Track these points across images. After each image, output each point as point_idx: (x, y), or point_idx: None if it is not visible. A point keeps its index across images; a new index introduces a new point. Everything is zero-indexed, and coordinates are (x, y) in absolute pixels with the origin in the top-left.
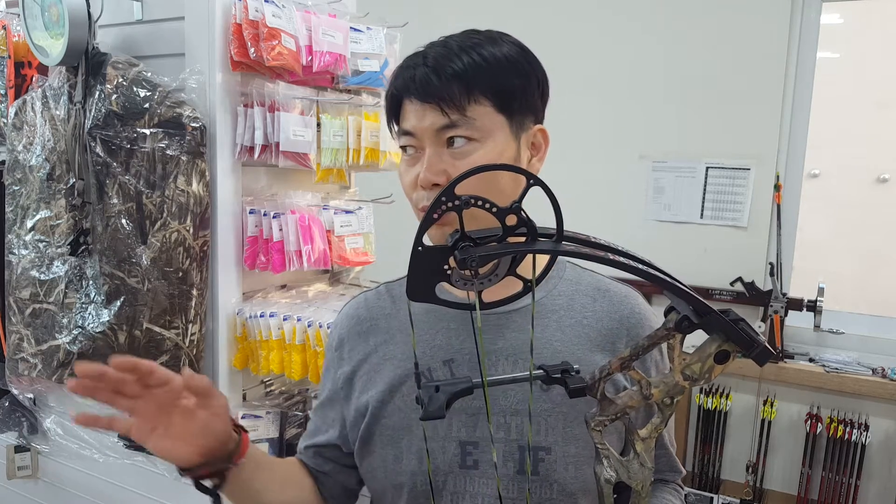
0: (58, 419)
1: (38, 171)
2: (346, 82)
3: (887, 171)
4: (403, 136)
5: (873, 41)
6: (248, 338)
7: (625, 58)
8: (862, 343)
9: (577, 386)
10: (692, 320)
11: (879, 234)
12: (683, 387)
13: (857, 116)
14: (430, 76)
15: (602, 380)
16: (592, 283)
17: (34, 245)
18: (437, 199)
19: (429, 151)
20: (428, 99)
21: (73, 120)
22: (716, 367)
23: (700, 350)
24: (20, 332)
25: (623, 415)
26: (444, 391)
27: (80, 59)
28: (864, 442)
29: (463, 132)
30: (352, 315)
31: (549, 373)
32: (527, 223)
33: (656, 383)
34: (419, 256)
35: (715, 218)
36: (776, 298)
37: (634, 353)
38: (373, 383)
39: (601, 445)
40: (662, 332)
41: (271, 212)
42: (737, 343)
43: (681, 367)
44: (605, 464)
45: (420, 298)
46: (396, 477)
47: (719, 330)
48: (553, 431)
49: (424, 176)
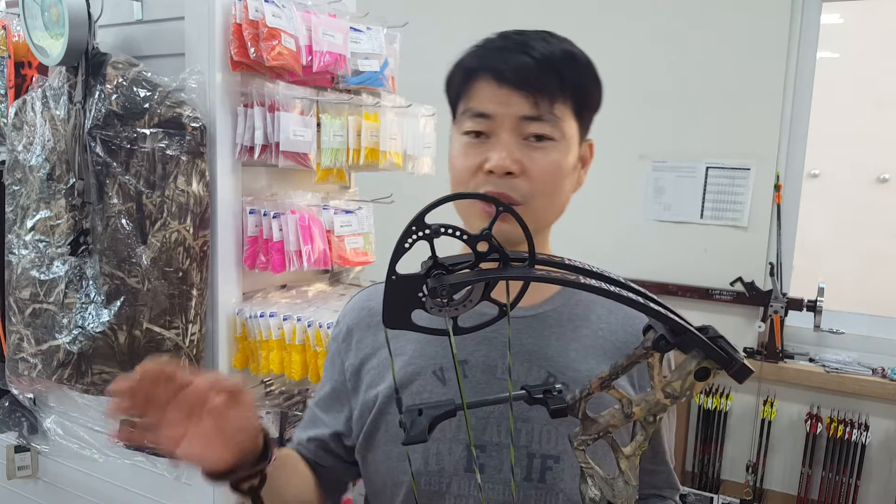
0: (58, 419)
1: (38, 171)
2: (346, 82)
3: (887, 171)
4: (476, 117)
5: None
6: (248, 338)
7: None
8: (862, 343)
9: (557, 406)
10: (669, 340)
11: (879, 234)
12: (665, 404)
13: (857, 116)
14: (528, 62)
15: (583, 399)
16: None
17: (34, 245)
18: (409, 228)
19: (506, 138)
20: (522, 86)
21: (73, 120)
22: (696, 383)
23: (680, 368)
24: (20, 332)
25: (605, 433)
26: (426, 415)
27: (80, 59)
28: (864, 442)
29: (546, 128)
30: (362, 306)
31: (531, 393)
32: (498, 249)
33: (637, 401)
34: (393, 284)
35: (715, 218)
36: (776, 298)
37: (614, 373)
38: (382, 378)
39: (585, 464)
40: (641, 350)
41: (271, 212)
42: (715, 360)
43: (661, 384)
44: (589, 483)
45: (397, 326)
46: (399, 475)
47: (697, 348)
48: (563, 440)
49: (500, 163)
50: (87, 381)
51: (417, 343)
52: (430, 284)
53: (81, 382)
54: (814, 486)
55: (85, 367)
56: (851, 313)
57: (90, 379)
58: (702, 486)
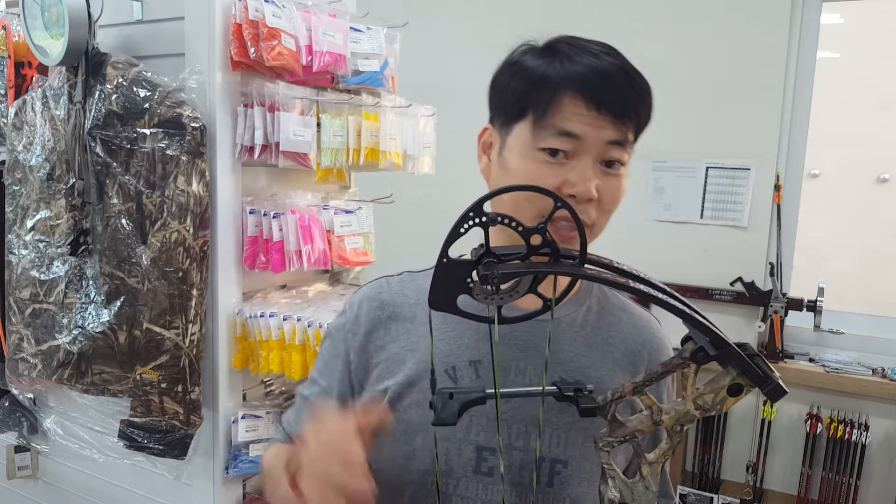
0: (58, 419)
1: (38, 171)
2: (346, 82)
3: (887, 171)
4: (562, 136)
5: (873, 41)
6: (248, 338)
7: None
8: (862, 343)
9: (587, 406)
10: (708, 352)
11: (879, 234)
12: (694, 416)
13: (857, 116)
14: (629, 88)
15: (614, 402)
16: (618, 304)
17: (34, 245)
18: (465, 214)
19: (590, 162)
20: (622, 113)
21: (73, 120)
22: (728, 399)
23: (713, 381)
24: (20, 332)
25: (632, 438)
26: (457, 399)
27: (80, 59)
28: (864, 442)
29: (625, 155)
30: (373, 297)
31: (562, 390)
32: (551, 244)
33: (667, 410)
34: (444, 268)
35: (715, 218)
36: (776, 298)
37: (648, 379)
38: (391, 373)
39: (608, 465)
40: (678, 360)
41: (271, 212)
42: (751, 378)
43: (693, 396)
44: (609, 484)
45: (441, 308)
46: (406, 475)
47: (734, 364)
48: (572, 446)
49: (587, 192)
50: (87, 381)
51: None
52: (480, 271)
53: (81, 382)
54: (814, 486)
55: (85, 367)
56: (851, 313)
57: (90, 379)
58: (702, 487)
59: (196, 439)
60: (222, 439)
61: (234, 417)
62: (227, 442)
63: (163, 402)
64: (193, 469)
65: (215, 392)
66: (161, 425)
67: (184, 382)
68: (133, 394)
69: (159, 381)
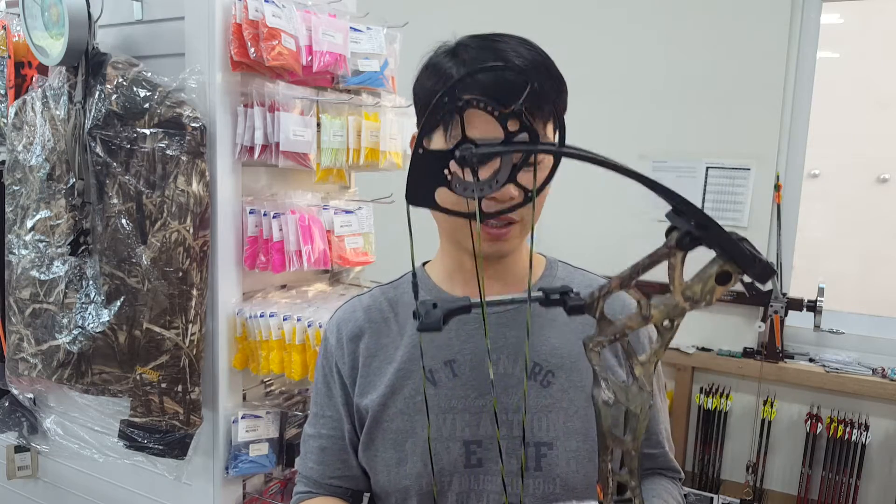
0: (58, 419)
1: (38, 171)
2: (346, 82)
3: (887, 171)
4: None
5: (873, 41)
6: (248, 338)
7: (625, 57)
8: (862, 343)
9: (575, 304)
10: (694, 235)
11: (879, 234)
12: (684, 308)
13: (857, 116)
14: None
15: (602, 297)
16: (584, 282)
17: (34, 245)
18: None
19: None
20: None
21: (73, 120)
22: (717, 288)
23: (701, 271)
24: (20, 332)
25: (622, 336)
26: (441, 308)
27: (80, 59)
28: (864, 442)
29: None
30: (347, 319)
31: (548, 294)
32: (528, 128)
33: (656, 304)
34: (420, 159)
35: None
36: (776, 298)
37: (634, 272)
38: (372, 387)
39: (599, 368)
40: (664, 250)
41: (271, 212)
42: (737, 260)
43: (682, 288)
44: (602, 386)
45: (419, 203)
46: (401, 480)
47: (720, 245)
48: (554, 427)
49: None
50: (87, 381)
51: (406, 349)
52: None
53: (81, 382)
54: (814, 486)
55: (85, 367)
56: (851, 313)
57: (90, 379)
58: (702, 487)
59: (196, 439)
60: (222, 439)
61: (234, 417)
62: (227, 442)
63: (163, 402)
64: (193, 469)
65: (215, 392)
66: (161, 425)
67: (184, 382)
68: (133, 394)
69: (159, 381)
